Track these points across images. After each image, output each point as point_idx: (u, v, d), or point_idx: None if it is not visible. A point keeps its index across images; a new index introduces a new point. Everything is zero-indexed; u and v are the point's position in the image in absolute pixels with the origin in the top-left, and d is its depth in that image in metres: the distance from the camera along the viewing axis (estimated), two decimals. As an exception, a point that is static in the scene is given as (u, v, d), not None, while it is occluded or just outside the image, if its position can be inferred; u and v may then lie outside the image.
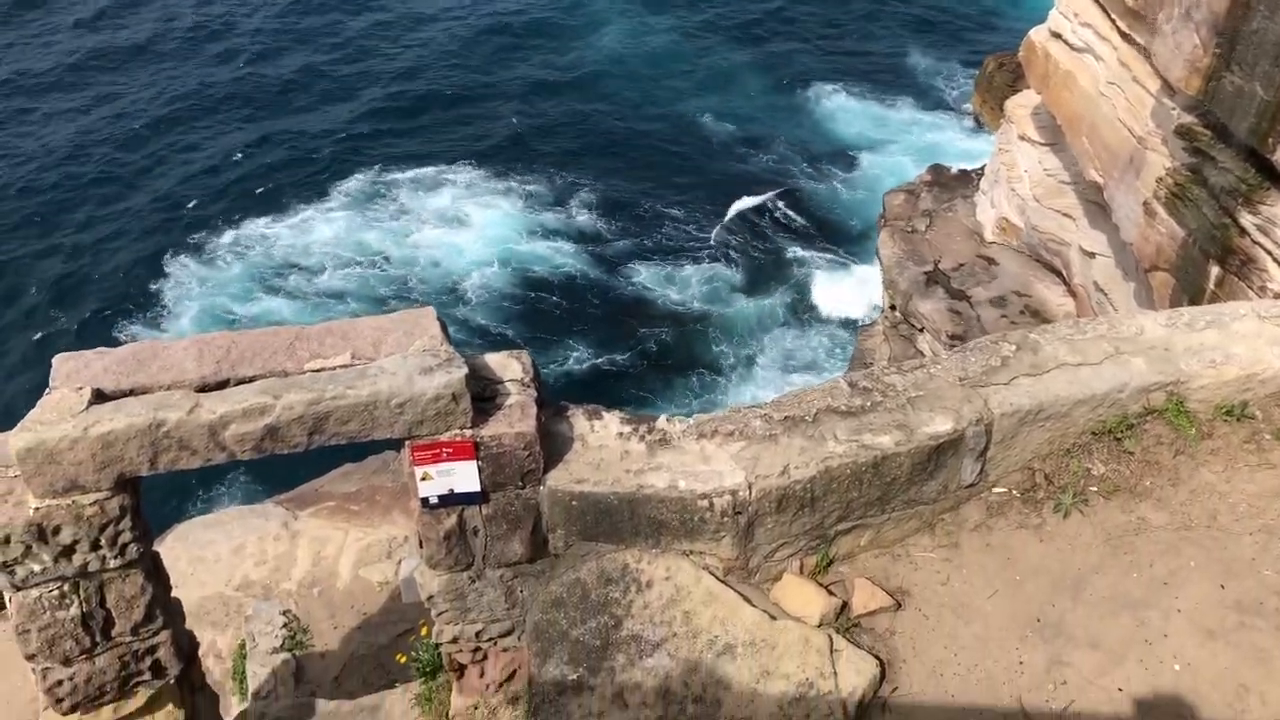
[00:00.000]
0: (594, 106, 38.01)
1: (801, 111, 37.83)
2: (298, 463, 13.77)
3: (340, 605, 10.26)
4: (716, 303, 29.57)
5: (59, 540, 5.68)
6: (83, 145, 33.97)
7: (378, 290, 29.42)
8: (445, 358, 6.01)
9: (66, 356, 5.95)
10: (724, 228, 32.43)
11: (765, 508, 6.45)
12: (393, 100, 37.45)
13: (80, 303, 28.02)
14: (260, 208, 31.93)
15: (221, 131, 35.21)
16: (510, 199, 33.24)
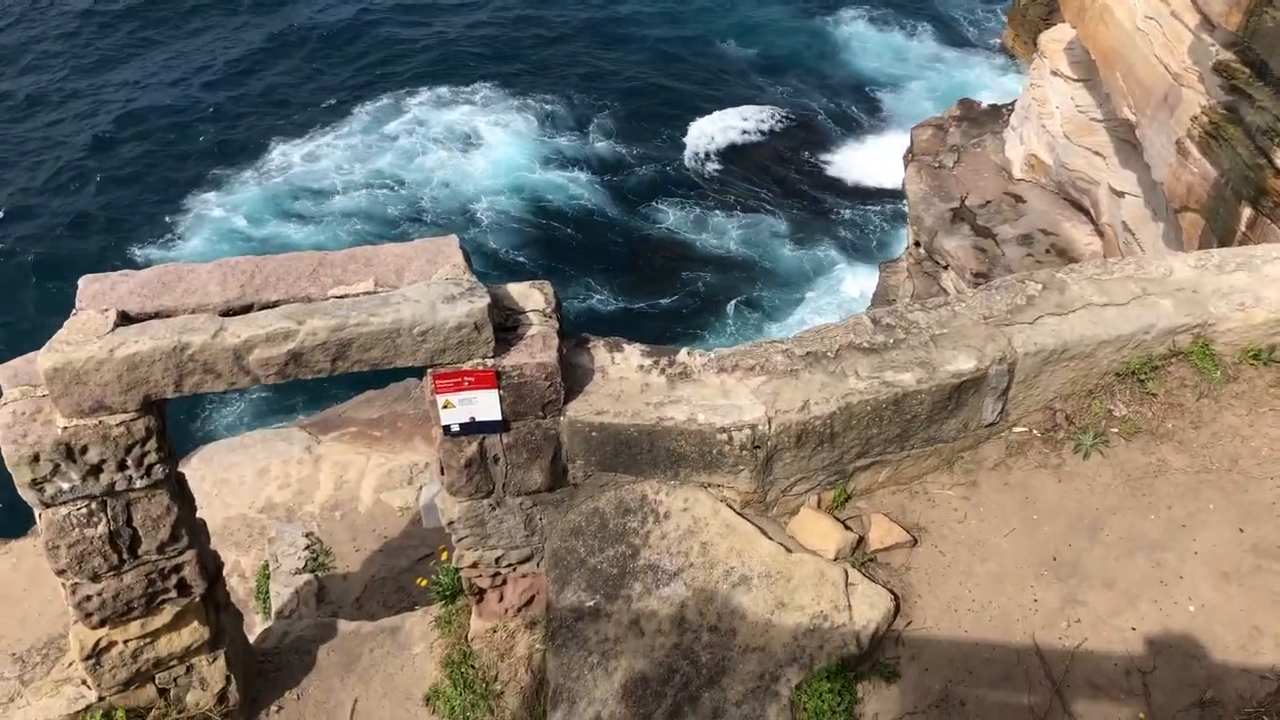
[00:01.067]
0: (614, 28, 37.42)
1: (825, 40, 37.12)
2: (321, 388, 13.83)
3: (361, 529, 10.40)
4: (726, 241, 29.28)
5: (86, 459, 5.76)
6: (98, 68, 33.72)
7: (391, 214, 29.30)
8: (468, 286, 6.01)
9: (93, 278, 5.98)
10: (733, 162, 32.03)
11: (784, 442, 6.47)
12: (407, 21, 36.92)
13: (97, 228, 28.00)
14: (276, 132, 31.73)
15: (239, 53, 34.88)
16: (527, 122, 32.88)
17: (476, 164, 31.36)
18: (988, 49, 36.72)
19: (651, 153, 32.14)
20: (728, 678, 6.16)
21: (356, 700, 7.37)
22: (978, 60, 36.30)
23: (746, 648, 6.23)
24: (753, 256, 28.78)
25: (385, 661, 7.57)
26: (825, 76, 35.66)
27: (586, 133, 32.67)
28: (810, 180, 31.46)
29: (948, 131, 22.64)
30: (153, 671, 6.71)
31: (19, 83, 33.38)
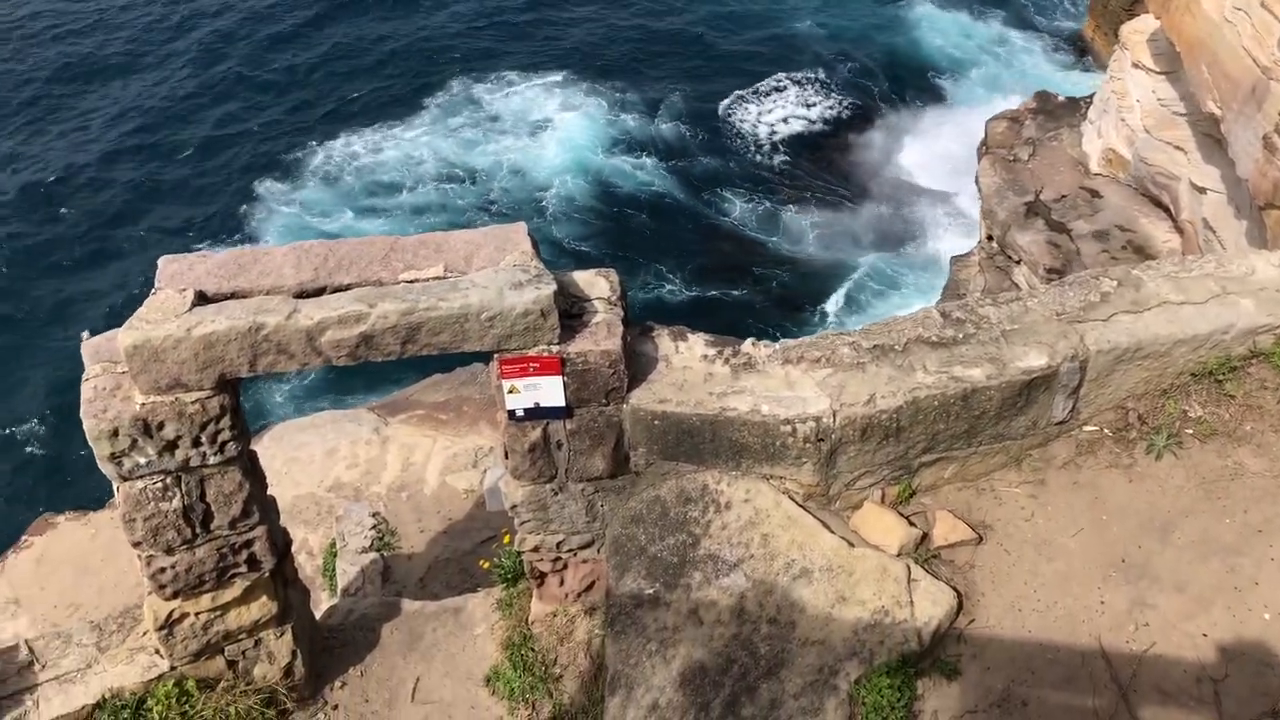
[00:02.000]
0: (680, 11, 37.20)
1: (896, 26, 36.52)
2: (389, 371, 14.03)
3: (427, 510, 10.55)
4: (794, 232, 28.97)
5: (163, 435, 5.92)
6: (168, 60, 34.31)
7: (458, 202, 29.44)
8: (535, 273, 6.06)
9: (171, 259, 6.14)
10: (800, 149, 31.68)
11: (849, 436, 6.42)
12: (471, 8, 37.00)
13: (170, 218, 28.52)
14: (345, 122, 32.02)
15: (307, 44, 35.23)
16: (594, 108, 32.79)
17: (543, 151, 31.42)
18: (1063, 39, 35.93)
19: (720, 138, 31.98)
20: (786, 670, 6.15)
21: (419, 678, 7.49)
22: (1052, 51, 35.54)
23: (806, 641, 6.21)
24: (818, 249, 28.51)
25: (447, 641, 7.68)
26: (895, 63, 35.12)
27: (653, 118, 32.54)
28: (874, 171, 31.05)
29: (1023, 124, 22.21)
30: (222, 644, 6.89)
31: (78, 66, 34.07)
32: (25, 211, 28.14)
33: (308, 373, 20.33)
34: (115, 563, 10.50)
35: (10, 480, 21.23)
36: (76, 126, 31.30)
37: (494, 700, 7.28)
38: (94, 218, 28.07)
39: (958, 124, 32.43)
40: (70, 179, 29.32)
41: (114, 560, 10.54)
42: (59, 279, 26.08)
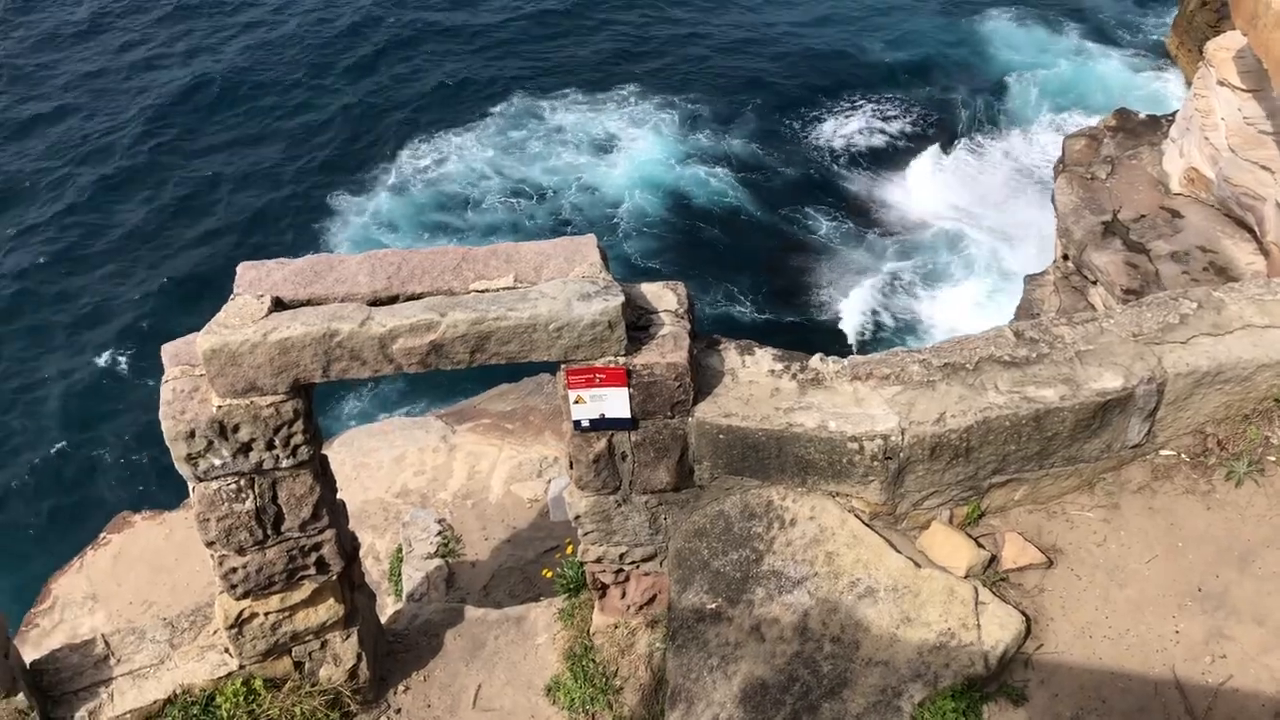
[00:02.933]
0: (752, 24, 37.09)
1: (970, 43, 36.00)
2: (457, 380, 14.17)
3: (491, 518, 10.63)
4: (868, 249, 28.63)
5: (238, 437, 6.05)
6: (241, 75, 35.01)
7: (526, 215, 29.62)
8: (603, 285, 6.09)
9: (249, 265, 6.28)
10: (874, 166, 31.34)
11: (917, 454, 6.34)
12: (544, 21, 37.26)
13: (243, 226, 29.06)
14: (415, 135, 32.35)
15: (376, 57, 35.71)
16: (665, 123, 32.77)
17: (612, 167, 31.48)
18: (1144, 56, 35.15)
19: (794, 155, 31.76)
20: (849, 690, 6.08)
21: (480, 685, 7.54)
22: (1133, 68, 34.79)
23: (869, 661, 6.13)
24: (892, 265, 28.19)
25: (509, 649, 7.72)
26: (970, 79, 34.56)
27: (727, 134, 32.42)
28: (949, 188, 30.61)
29: (1102, 142, 21.80)
30: (290, 644, 7.00)
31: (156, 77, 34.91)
32: (103, 205, 28.96)
33: (379, 379, 20.63)
34: (188, 562, 10.75)
35: (92, 478, 21.84)
36: (160, 134, 32.12)
37: (554, 710, 7.30)
38: (170, 223, 28.78)
39: (1033, 141, 31.93)
40: (149, 184, 30.05)
41: (187, 560, 10.78)
42: (139, 280, 26.77)
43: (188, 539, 10.87)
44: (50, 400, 23.50)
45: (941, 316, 26.99)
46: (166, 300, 26.01)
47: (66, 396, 23.60)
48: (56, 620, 10.53)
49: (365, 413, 21.82)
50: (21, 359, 24.49)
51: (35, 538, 20.46)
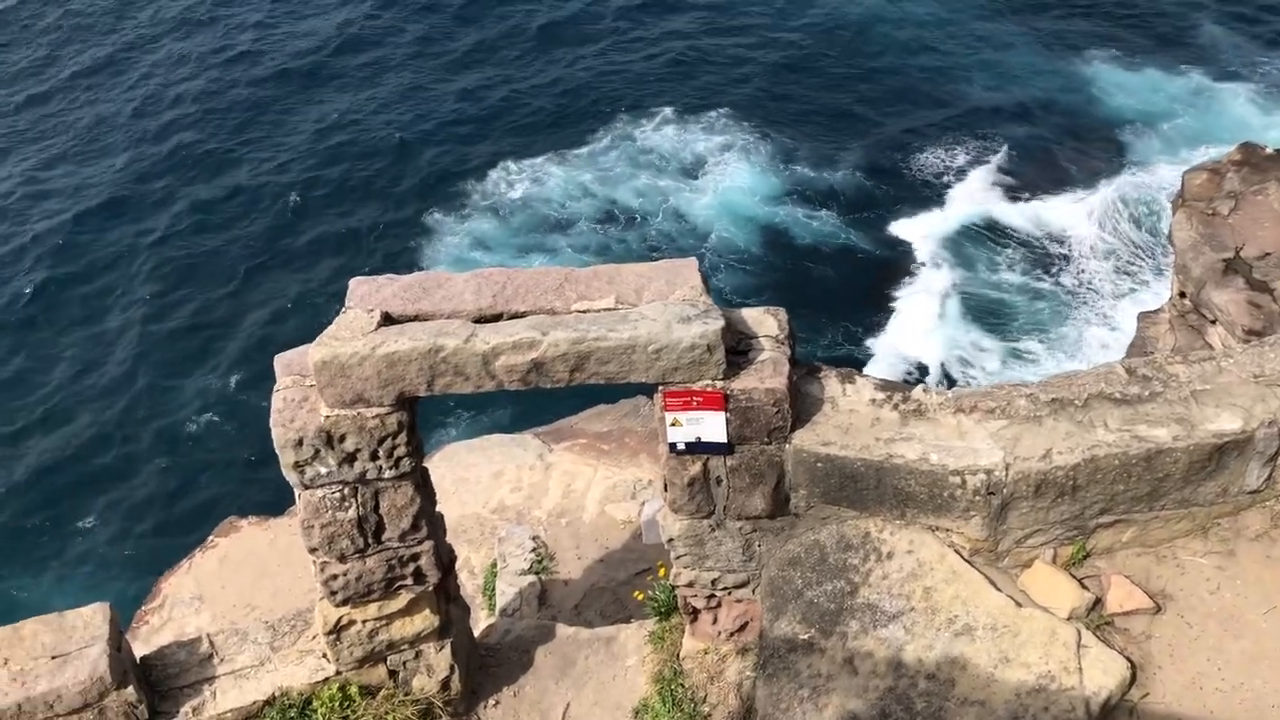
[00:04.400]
0: (853, 57, 36.71)
1: (1073, 80, 34.98)
2: (555, 399, 14.36)
3: (585, 537, 10.69)
4: (977, 290, 27.96)
5: (344, 447, 6.21)
6: (339, 96, 35.88)
7: (615, 242, 29.60)
8: (704, 308, 6.10)
9: (361, 280, 6.46)
10: (979, 206, 30.62)
11: (1021, 491, 6.19)
12: (643, 44, 37.36)
13: (338, 248, 29.71)
14: (509, 156, 32.66)
15: (473, 83, 36.27)
16: (762, 151, 32.46)
17: (702, 193, 31.37)
18: (1270, 89, 33.80)
19: (893, 193, 31.27)
20: (942, 729, 5.93)
21: (569, 704, 7.57)
22: (1257, 101, 33.47)
23: (965, 700, 5.98)
24: (1003, 304, 27.53)
25: (599, 670, 7.74)
26: (1076, 118, 33.43)
27: (819, 166, 32.05)
28: (1062, 229, 29.79)
29: (1224, 177, 21.05)
30: (385, 653, 7.13)
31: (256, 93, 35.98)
32: (220, 226, 30.01)
33: (480, 395, 20.97)
34: (290, 568, 11.04)
35: (204, 482, 22.61)
36: (265, 154, 33.16)
37: (641, 733, 7.28)
38: (276, 236, 29.65)
39: (1149, 178, 30.98)
40: (257, 199, 31.02)
41: (289, 565, 11.08)
42: (243, 293, 27.66)
43: (291, 545, 11.17)
44: (166, 408, 24.43)
45: (1050, 354, 26.31)
46: (268, 312, 26.80)
47: (181, 404, 24.51)
48: (165, 618, 10.91)
49: (465, 428, 22.17)
50: (140, 368, 25.52)
51: (148, 538, 21.25)
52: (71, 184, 31.65)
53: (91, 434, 23.73)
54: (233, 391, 24.70)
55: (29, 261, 28.80)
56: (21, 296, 27.65)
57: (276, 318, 26.50)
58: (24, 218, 30.59)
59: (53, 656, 6.55)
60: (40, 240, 29.45)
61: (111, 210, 30.58)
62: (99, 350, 26.02)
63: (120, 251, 29.08)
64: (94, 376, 25.22)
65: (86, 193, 31.32)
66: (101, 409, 24.33)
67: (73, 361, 25.58)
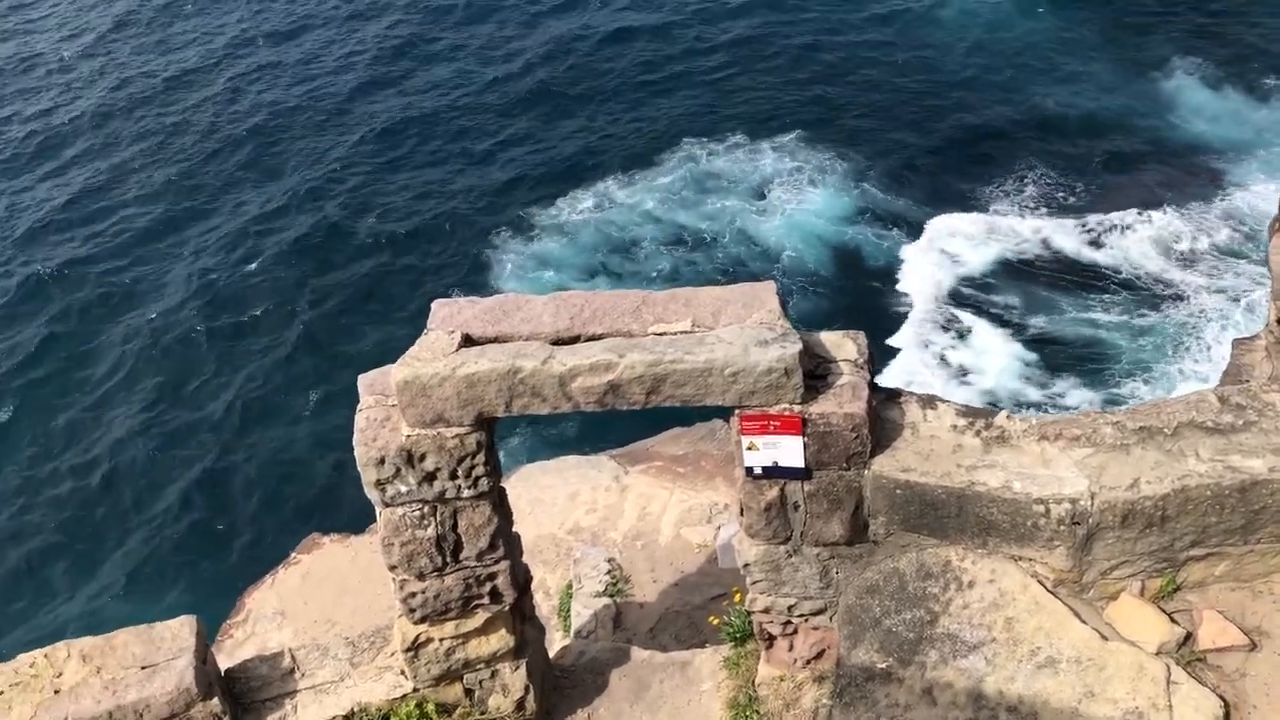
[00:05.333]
0: (927, 77, 36.16)
1: (1155, 100, 33.92)
2: (631, 420, 14.38)
3: (660, 560, 10.67)
4: (1055, 318, 27.15)
5: (424, 466, 6.30)
6: (410, 118, 36.41)
7: (685, 265, 29.40)
8: (781, 332, 6.08)
9: (443, 303, 6.58)
10: (1058, 232, 29.68)
11: (1107, 521, 6.03)
12: (713, 68, 37.23)
13: (407, 267, 30.07)
14: (579, 179, 32.73)
15: (543, 106, 36.50)
16: (835, 174, 32.17)
17: (778, 214, 31.05)
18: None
19: (969, 213, 30.68)
20: (1025, 764, 5.78)
21: (642, 728, 7.54)
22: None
23: (1048, 735, 5.83)
24: (1082, 336, 26.74)
25: (673, 694, 7.71)
26: (1157, 142, 32.34)
27: (896, 186, 31.43)
28: (1144, 257, 28.89)
29: (1324, 198, 20.39)
30: (461, 671, 7.20)
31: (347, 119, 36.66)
32: (303, 254, 30.66)
33: (557, 416, 21.05)
34: (370, 585, 11.20)
35: (288, 499, 23.09)
36: (337, 174, 33.80)
37: (715, 759, 7.23)
38: (353, 257, 30.19)
39: (1243, 202, 30.02)
40: (333, 224, 31.63)
41: (369, 583, 11.24)
42: (329, 315, 28.23)
43: (371, 563, 11.34)
44: (253, 426, 25.02)
45: (1136, 382, 25.56)
46: (347, 331, 27.28)
47: (268, 422, 25.09)
48: (249, 632, 11.14)
49: (541, 449, 22.30)
50: (228, 387, 26.18)
51: (234, 553, 21.75)
52: (131, 212, 32.57)
53: (183, 451, 24.40)
54: (315, 409, 25.21)
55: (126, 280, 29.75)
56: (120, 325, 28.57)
57: (354, 336, 27.03)
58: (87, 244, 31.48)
59: (142, 667, 6.74)
60: (129, 262, 30.42)
61: (197, 229, 31.47)
62: (185, 370, 26.76)
63: (208, 269, 29.87)
64: (185, 394, 25.95)
65: (155, 212, 32.22)
66: (192, 427, 25.02)
67: (159, 385, 26.33)
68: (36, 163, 35.14)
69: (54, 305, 28.64)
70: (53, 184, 34.02)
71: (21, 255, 30.65)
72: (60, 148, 35.85)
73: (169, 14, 43.48)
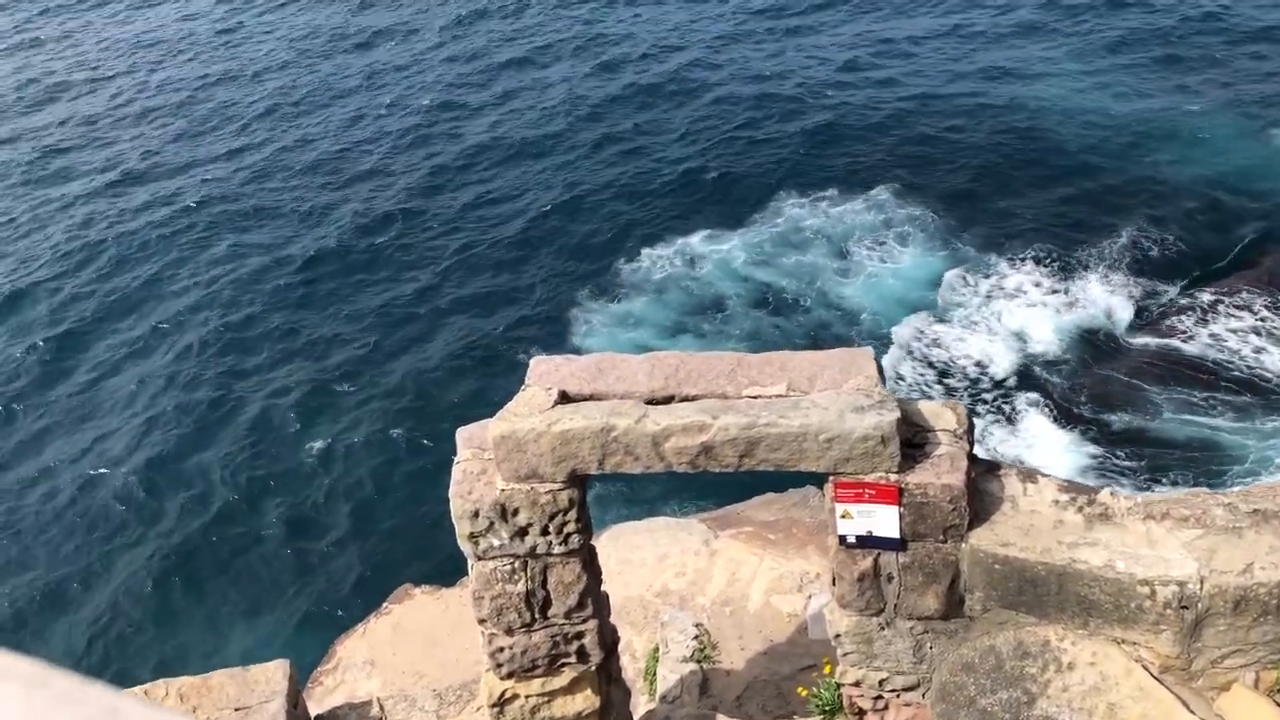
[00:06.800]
0: (1032, 134, 35.51)
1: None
2: (723, 484, 14.24)
3: (748, 628, 10.53)
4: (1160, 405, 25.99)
5: (516, 521, 6.37)
6: (500, 170, 37.12)
7: (773, 325, 29.20)
8: (878, 399, 6.02)
9: (541, 359, 6.68)
10: (1174, 308, 28.44)
11: (1218, 607, 5.78)
12: (805, 122, 37.24)
13: (492, 321, 30.52)
14: (666, 235, 32.73)
15: (632, 159, 36.80)
16: (927, 236, 31.50)
17: (867, 275, 30.61)
18: None
19: (1070, 280, 29.78)
20: None
21: (725, 798, 7.40)
22: None
23: (1153, 831, 5.56)
24: (1192, 436, 25.39)
25: (757, 765, 7.56)
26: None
27: (993, 249, 30.80)
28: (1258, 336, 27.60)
29: None
30: (546, 729, 7.18)
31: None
32: (406, 309, 31.39)
33: (648, 476, 20.99)
34: (459, 639, 11.27)
35: (383, 548, 23.43)
36: (423, 227, 34.58)
37: (800, 835, 7.04)
38: (444, 314, 30.71)
39: None
40: (422, 283, 32.30)
41: (458, 636, 11.31)
42: (418, 367, 28.77)
43: (461, 617, 11.42)
44: (354, 473, 25.55)
45: (1251, 465, 24.35)
46: (436, 384, 27.70)
47: (368, 469, 25.60)
48: (339, 680, 11.29)
49: (631, 509, 22.26)
50: (322, 434, 26.83)
51: (327, 599, 22.11)
52: (247, 264, 33.73)
53: (283, 497, 25.01)
54: (407, 457, 25.63)
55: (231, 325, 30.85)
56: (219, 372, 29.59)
57: (443, 387, 27.48)
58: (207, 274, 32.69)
59: (236, 708, 6.89)
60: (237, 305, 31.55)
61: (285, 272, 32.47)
62: (292, 420, 27.53)
63: (303, 316, 30.76)
64: (286, 436, 26.67)
65: (240, 273, 33.36)
66: (292, 473, 25.65)
67: (264, 428, 27.12)
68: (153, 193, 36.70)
69: (158, 359, 29.73)
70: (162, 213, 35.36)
71: (138, 303, 31.96)
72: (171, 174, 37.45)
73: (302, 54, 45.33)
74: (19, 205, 37.21)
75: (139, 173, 38.35)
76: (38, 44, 50.37)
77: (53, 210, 36.75)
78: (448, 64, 43.66)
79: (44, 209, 36.87)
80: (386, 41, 45.61)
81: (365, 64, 44.26)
